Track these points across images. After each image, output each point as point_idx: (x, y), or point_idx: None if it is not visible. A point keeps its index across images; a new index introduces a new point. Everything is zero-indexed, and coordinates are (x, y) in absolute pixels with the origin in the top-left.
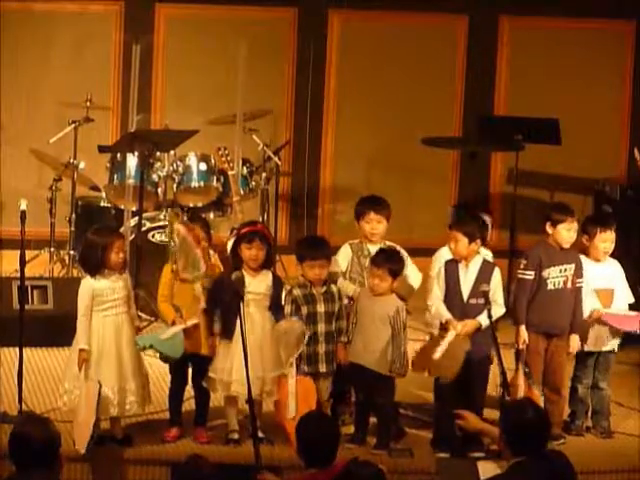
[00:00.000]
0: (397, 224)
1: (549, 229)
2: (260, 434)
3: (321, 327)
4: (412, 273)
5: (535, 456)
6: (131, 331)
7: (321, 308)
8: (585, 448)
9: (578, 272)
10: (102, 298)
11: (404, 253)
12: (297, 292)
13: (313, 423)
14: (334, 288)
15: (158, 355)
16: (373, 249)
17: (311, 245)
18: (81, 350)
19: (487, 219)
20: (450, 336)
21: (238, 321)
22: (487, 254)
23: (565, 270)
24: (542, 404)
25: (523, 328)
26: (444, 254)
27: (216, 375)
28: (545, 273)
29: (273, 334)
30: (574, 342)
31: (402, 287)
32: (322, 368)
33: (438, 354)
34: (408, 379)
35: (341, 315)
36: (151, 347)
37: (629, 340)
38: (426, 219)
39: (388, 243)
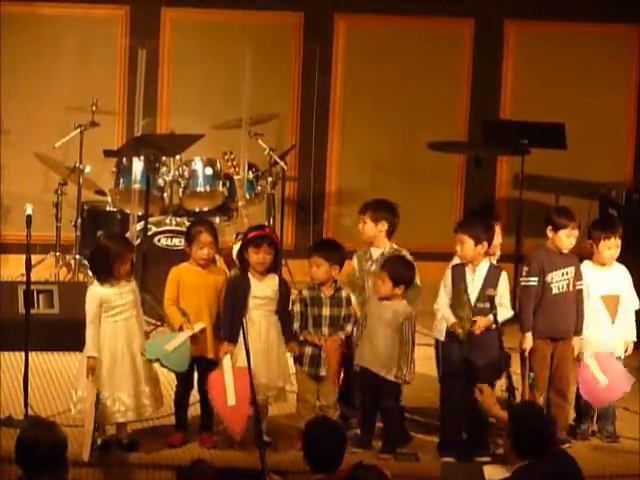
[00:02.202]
0: (402, 228)
1: (549, 233)
2: (266, 438)
3: (325, 331)
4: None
5: (541, 459)
6: (142, 335)
7: (326, 312)
8: (591, 452)
9: (578, 275)
10: (110, 304)
11: (409, 256)
12: (306, 293)
13: (320, 429)
14: (344, 293)
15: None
16: (375, 252)
17: (315, 243)
18: (89, 357)
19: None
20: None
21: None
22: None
23: (567, 273)
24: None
25: (529, 335)
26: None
27: None
28: (548, 278)
29: None
30: (578, 344)
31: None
32: (323, 372)
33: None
34: (414, 383)
35: (348, 320)
36: (157, 361)
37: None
38: (431, 223)
39: (395, 246)
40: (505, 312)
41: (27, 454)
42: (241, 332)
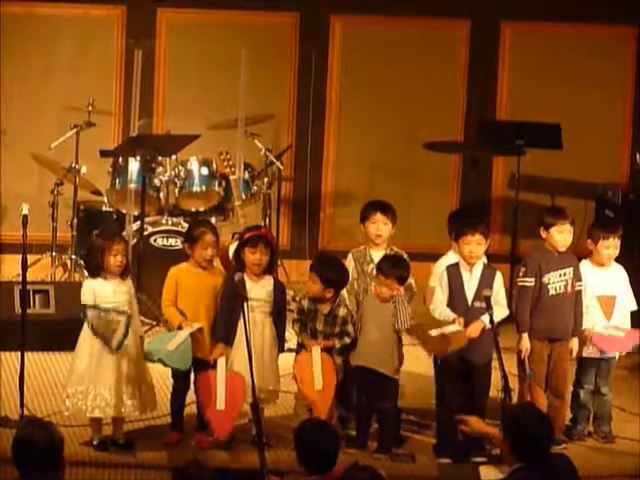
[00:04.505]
0: (398, 229)
1: (543, 233)
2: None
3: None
4: (412, 278)
5: (537, 461)
6: (132, 335)
7: (320, 327)
8: (586, 453)
9: (577, 275)
10: (102, 299)
11: (406, 257)
12: (305, 304)
13: (312, 431)
14: (341, 312)
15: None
16: (376, 255)
17: (319, 258)
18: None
19: None
20: (452, 327)
21: (240, 325)
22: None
23: (565, 274)
24: (546, 404)
25: (525, 336)
26: (444, 264)
27: None
28: (545, 279)
29: None
30: (576, 345)
31: (406, 292)
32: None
33: (434, 332)
34: (410, 384)
35: (343, 336)
36: (160, 361)
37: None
38: (427, 224)
39: (395, 249)
40: (501, 311)
41: (24, 454)
42: (243, 335)
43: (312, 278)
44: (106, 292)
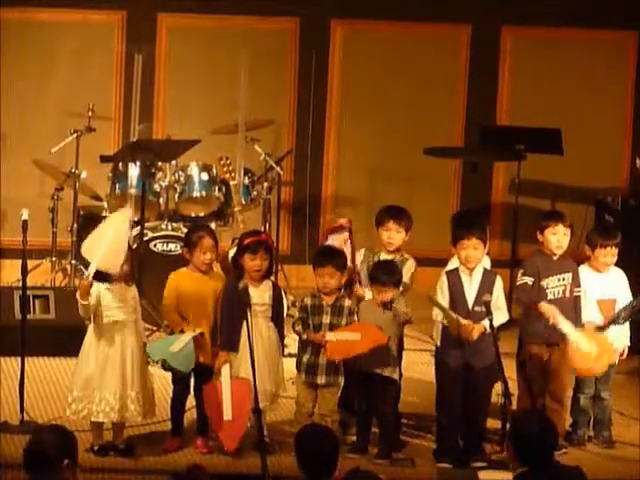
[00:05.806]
0: None
1: (539, 237)
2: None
3: None
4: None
5: (541, 466)
6: (137, 341)
7: (327, 320)
8: (587, 458)
9: (576, 281)
10: (110, 303)
11: (413, 262)
12: (307, 301)
13: (313, 437)
14: (346, 302)
15: (160, 364)
16: (386, 259)
17: (322, 253)
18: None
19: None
20: (465, 321)
21: (244, 332)
22: (487, 262)
23: (563, 279)
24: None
25: (543, 304)
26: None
27: None
28: (544, 283)
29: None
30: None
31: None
32: (321, 380)
33: (453, 315)
34: (409, 389)
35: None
36: (163, 361)
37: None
38: (427, 229)
39: (405, 255)
40: (501, 316)
41: (35, 458)
42: (247, 341)
43: (330, 273)
44: (113, 295)
